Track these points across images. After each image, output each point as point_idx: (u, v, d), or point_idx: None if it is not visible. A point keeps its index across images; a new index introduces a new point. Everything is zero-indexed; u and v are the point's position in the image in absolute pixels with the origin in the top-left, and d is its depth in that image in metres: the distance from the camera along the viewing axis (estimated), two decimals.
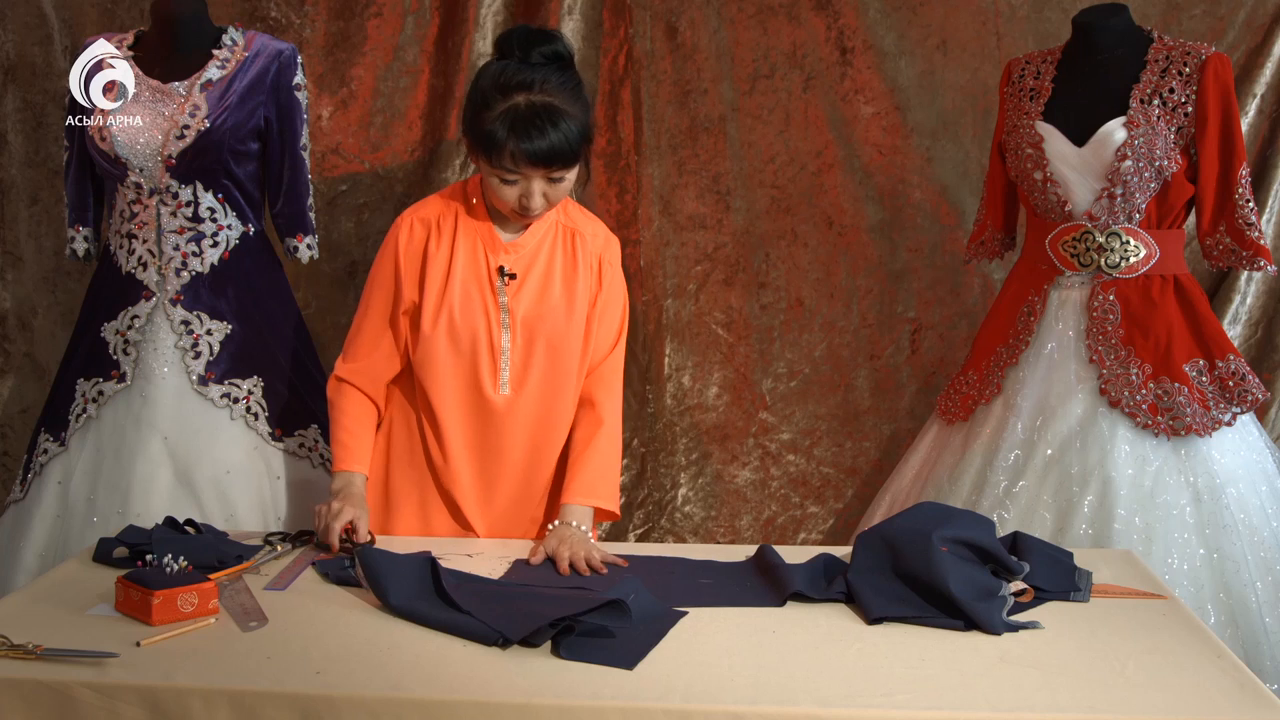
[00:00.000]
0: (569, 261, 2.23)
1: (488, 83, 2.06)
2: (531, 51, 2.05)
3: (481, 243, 2.20)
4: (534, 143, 2.01)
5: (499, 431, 2.22)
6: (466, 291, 2.18)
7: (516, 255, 2.20)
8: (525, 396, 2.21)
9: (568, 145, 2.04)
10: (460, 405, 2.22)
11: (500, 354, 2.20)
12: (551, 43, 2.07)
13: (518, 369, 2.20)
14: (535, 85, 2.03)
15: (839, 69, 3.47)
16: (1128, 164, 2.56)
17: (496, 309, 2.19)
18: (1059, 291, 2.72)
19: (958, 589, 1.74)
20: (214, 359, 2.64)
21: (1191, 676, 1.58)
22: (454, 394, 2.21)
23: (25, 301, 3.58)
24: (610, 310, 2.28)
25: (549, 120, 2.02)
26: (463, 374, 2.20)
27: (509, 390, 2.21)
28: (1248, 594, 2.51)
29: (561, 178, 2.09)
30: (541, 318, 2.19)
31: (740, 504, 3.63)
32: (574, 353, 2.23)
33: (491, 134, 2.03)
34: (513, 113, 2.02)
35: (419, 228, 2.21)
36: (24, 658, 1.56)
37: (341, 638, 1.67)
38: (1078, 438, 2.62)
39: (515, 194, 2.09)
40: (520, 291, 2.19)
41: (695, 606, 1.80)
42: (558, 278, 2.22)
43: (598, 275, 2.25)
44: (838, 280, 3.54)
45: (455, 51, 3.45)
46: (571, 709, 1.47)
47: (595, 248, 2.26)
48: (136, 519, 2.49)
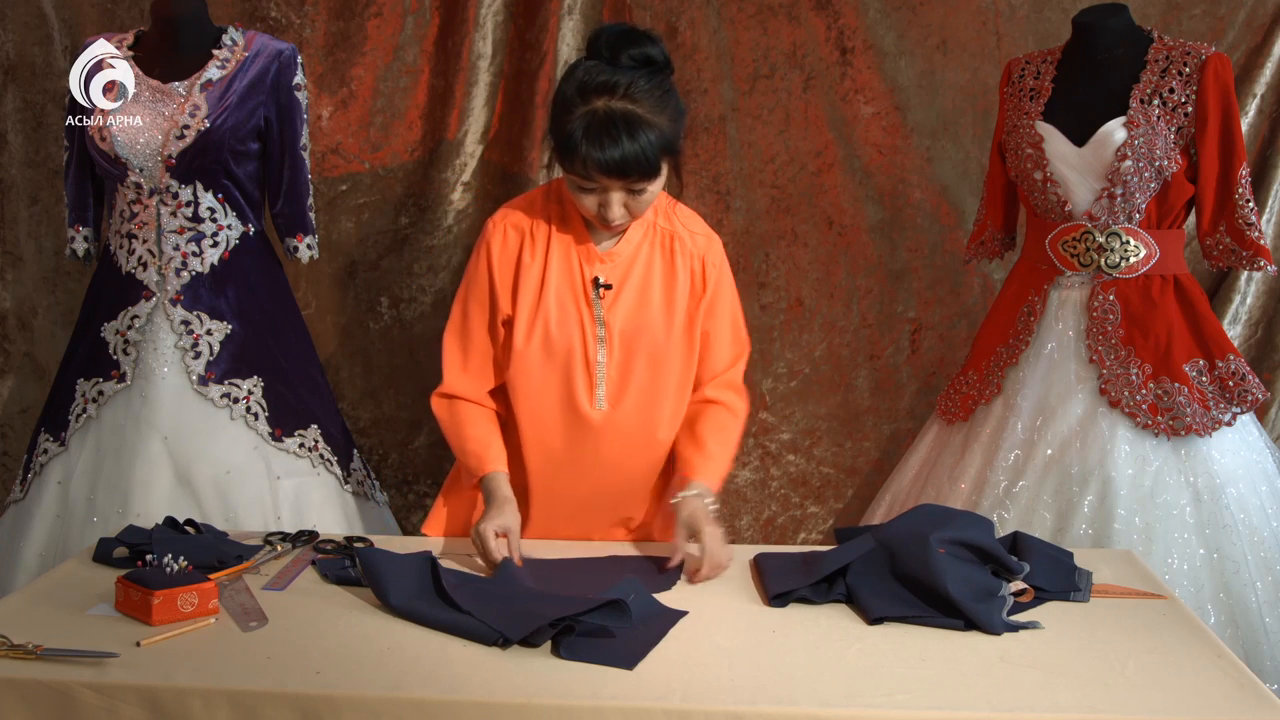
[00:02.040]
0: (668, 268, 2.12)
1: (572, 84, 1.95)
2: (621, 54, 1.93)
3: (576, 252, 2.10)
4: (606, 152, 1.90)
5: (595, 447, 2.13)
6: (562, 304, 2.08)
7: (612, 265, 2.10)
8: (622, 411, 2.12)
9: (643, 157, 1.92)
10: (555, 420, 2.12)
11: (596, 368, 2.10)
12: (643, 45, 1.95)
13: (614, 383, 2.11)
14: (619, 90, 1.92)
15: (839, 69, 3.47)
16: (1128, 164, 2.56)
17: (593, 322, 2.09)
18: (1059, 291, 2.72)
19: (956, 590, 1.74)
20: (214, 359, 2.64)
21: (1191, 676, 1.58)
22: (548, 409, 2.12)
23: (25, 301, 3.58)
24: (720, 315, 2.17)
25: (626, 129, 1.90)
26: (557, 388, 2.11)
27: (606, 405, 2.11)
28: (1248, 594, 2.51)
29: (643, 189, 1.97)
30: (640, 330, 2.10)
31: (740, 504, 3.63)
32: (675, 364, 2.13)
33: (569, 139, 1.92)
34: (590, 118, 1.91)
35: (513, 235, 2.10)
36: (24, 658, 1.56)
37: (341, 638, 1.67)
38: (1078, 438, 2.62)
39: (594, 202, 1.99)
40: (617, 303, 2.09)
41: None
42: (656, 286, 2.11)
43: (701, 278, 2.14)
44: (838, 280, 3.54)
45: (455, 51, 3.45)
46: (571, 709, 1.47)
47: (696, 249, 2.14)
48: (136, 519, 2.49)
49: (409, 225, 3.53)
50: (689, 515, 2.00)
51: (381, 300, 3.54)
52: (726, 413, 2.19)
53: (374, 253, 3.53)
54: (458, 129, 3.46)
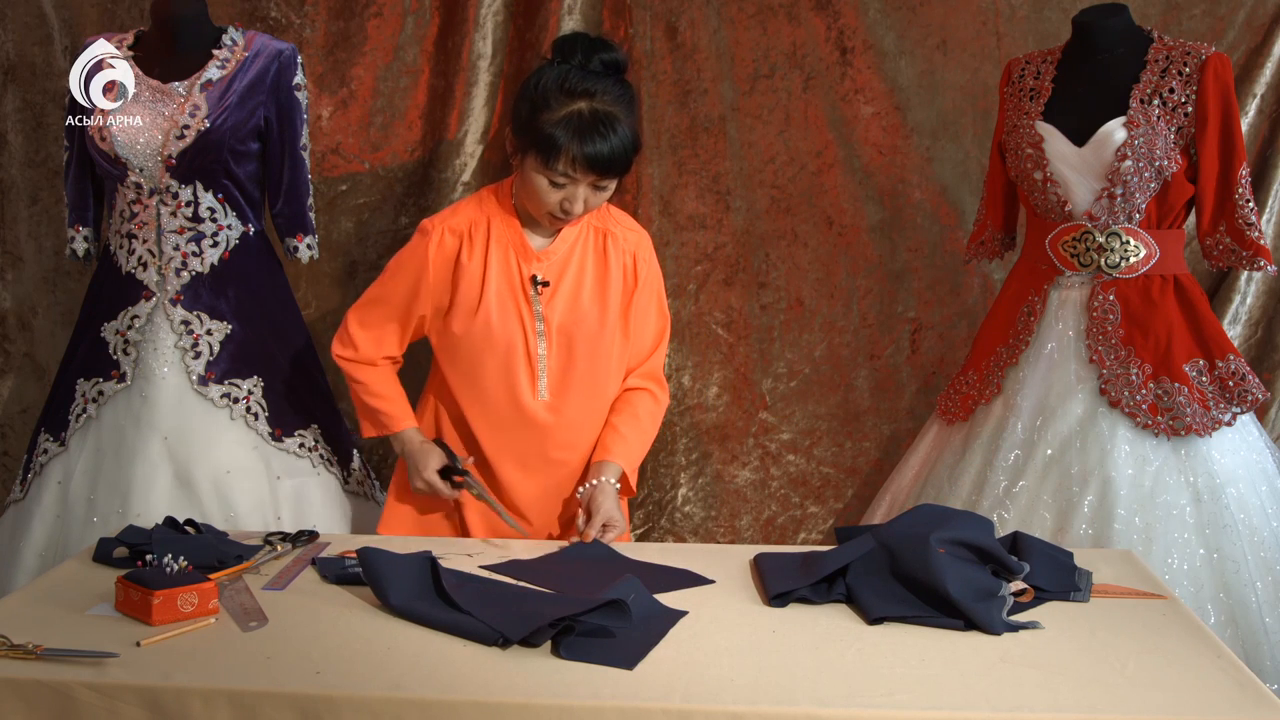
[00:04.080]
0: (601, 263, 2.26)
1: (550, 85, 2.08)
2: (593, 58, 2.08)
3: (514, 252, 2.22)
4: (595, 148, 2.05)
5: (540, 437, 2.26)
6: (502, 301, 2.20)
7: (549, 263, 2.22)
8: (564, 402, 2.25)
9: (625, 154, 2.08)
10: (498, 411, 2.25)
11: (537, 361, 2.23)
12: (612, 51, 2.11)
13: (555, 375, 2.24)
14: (597, 94, 2.07)
15: (839, 69, 3.47)
16: (1128, 164, 2.56)
17: (532, 317, 2.21)
18: (1059, 291, 2.72)
19: (956, 590, 1.74)
20: (214, 359, 2.64)
21: (1191, 676, 1.58)
22: (492, 400, 2.24)
23: (25, 301, 3.58)
24: (647, 307, 2.31)
25: (611, 128, 2.05)
26: (500, 381, 2.23)
27: (547, 396, 2.24)
28: (1248, 594, 2.51)
29: (606, 186, 2.13)
30: (577, 323, 2.23)
31: (740, 504, 3.63)
32: (611, 355, 2.27)
33: (551, 137, 2.05)
34: (577, 118, 2.05)
35: (450, 238, 2.22)
36: (24, 658, 1.56)
37: (341, 638, 1.67)
38: (1078, 437, 2.62)
39: (559, 198, 2.12)
40: (554, 298, 2.22)
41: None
42: (590, 281, 2.24)
43: (634, 273, 2.28)
44: (838, 280, 3.54)
45: (455, 51, 3.45)
46: (571, 709, 1.47)
47: (629, 245, 2.28)
48: (136, 519, 2.49)
49: (409, 225, 3.53)
50: (589, 496, 2.18)
51: None
52: (647, 397, 2.34)
53: (374, 253, 3.53)
54: (458, 129, 3.47)
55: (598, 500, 2.17)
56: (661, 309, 2.36)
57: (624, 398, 2.33)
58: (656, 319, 2.34)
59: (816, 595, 1.83)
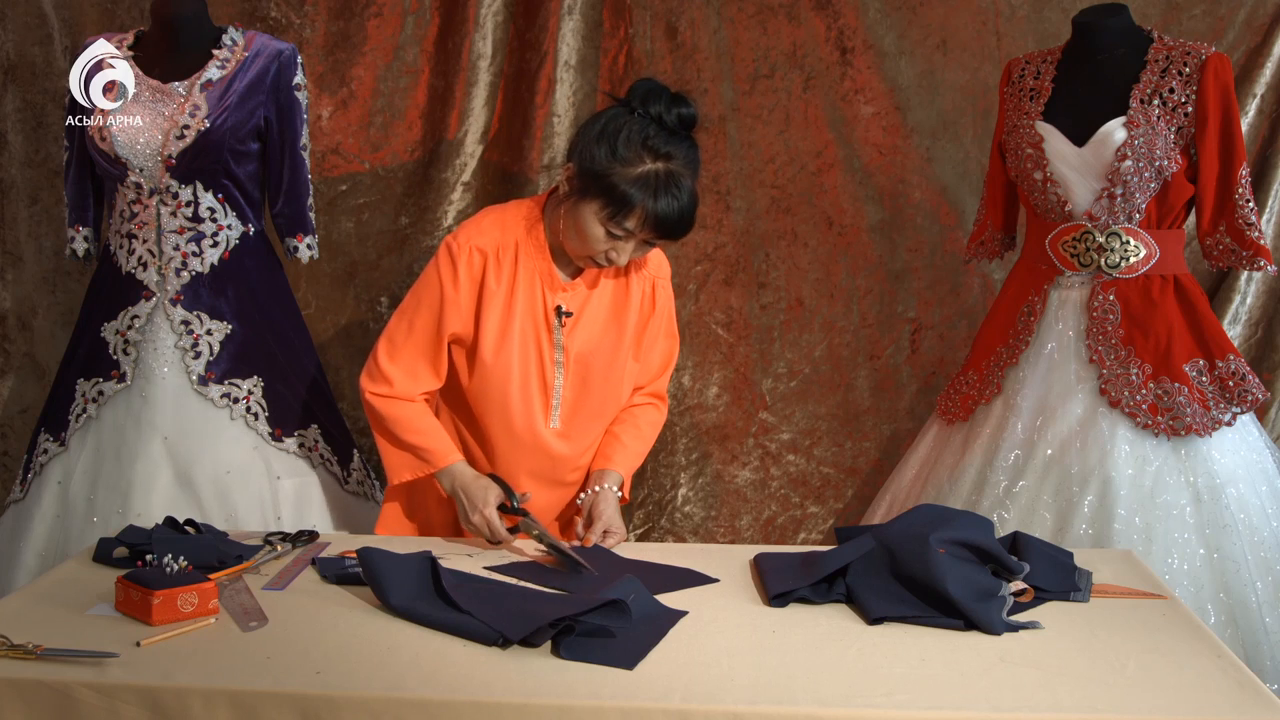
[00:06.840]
0: (622, 291, 2.24)
1: (634, 139, 2.04)
2: (672, 111, 2.05)
3: (541, 280, 2.18)
4: (666, 212, 2.03)
5: (551, 463, 2.25)
6: (524, 332, 2.19)
7: (573, 294, 2.20)
8: (574, 429, 2.25)
9: (689, 221, 2.08)
10: (513, 433, 2.23)
11: (553, 391, 2.22)
12: (690, 107, 2.08)
13: (569, 405, 2.23)
14: (675, 157, 2.05)
15: (839, 69, 3.47)
16: (1128, 164, 2.56)
17: (552, 347, 2.20)
18: (1059, 291, 2.72)
19: (956, 590, 1.74)
20: (214, 359, 2.64)
21: (1191, 676, 1.58)
22: (503, 425, 2.22)
23: (25, 301, 3.58)
24: (659, 332, 2.30)
25: (682, 192, 2.05)
26: (513, 409, 2.21)
27: (559, 424, 2.24)
28: (1248, 594, 2.51)
29: (657, 243, 2.12)
30: (594, 353, 2.22)
31: (740, 504, 3.63)
32: (622, 381, 2.27)
33: (626, 195, 2.02)
34: (653, 179, 2.03)
35: (477, 258, 2.17)
36: (24, 658, 1.56)
37: (341, 638, 1.67)
38: (1078, 438, 2.62)
39: (607, 247, 2.09)
40: (575, 329, 2.20)
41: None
42: (612, 310, 2.23)
43: (651, 300, 2.27)
44: (838, 280, 3.54)
45: (455, 51, 3.45)
46: (571, 709, 1.47)
47: (650, 271, 2.27)
48: (136, 519, 2.49)
49: (409, 225, 3.53)
50: (590, 503, 2.19)
51: (381, 300, 3.54)
52: (650, 410, 2.36)
53: (374, 253, 3.53)
54: (458, 129, 3.47)
55: (600, 507, 2.17)
56: (671, 330, 2.34)
57: (627, 409, 2.34)
58: (666, 341, 2.34)
59: (816, 595, 1.83)
